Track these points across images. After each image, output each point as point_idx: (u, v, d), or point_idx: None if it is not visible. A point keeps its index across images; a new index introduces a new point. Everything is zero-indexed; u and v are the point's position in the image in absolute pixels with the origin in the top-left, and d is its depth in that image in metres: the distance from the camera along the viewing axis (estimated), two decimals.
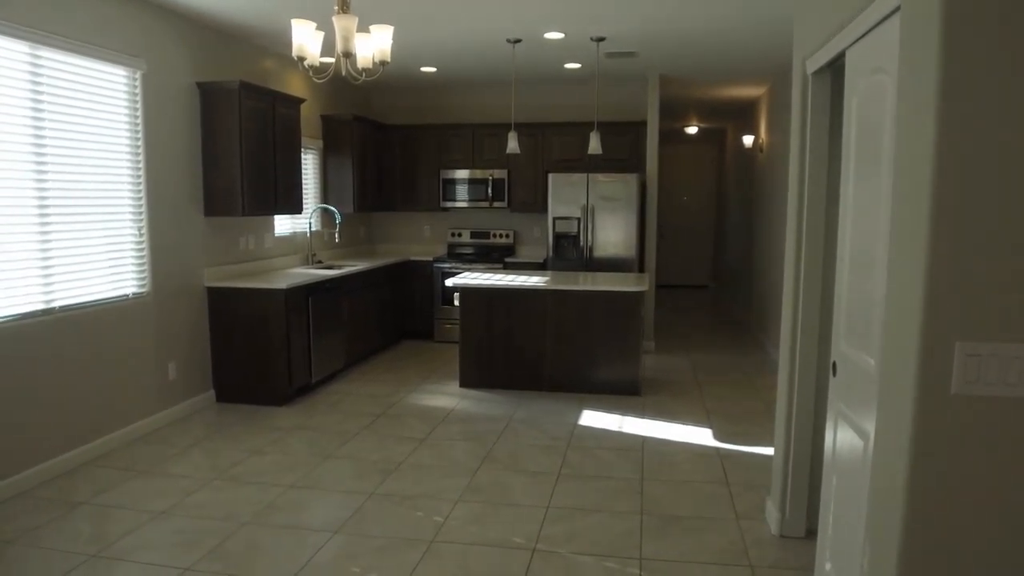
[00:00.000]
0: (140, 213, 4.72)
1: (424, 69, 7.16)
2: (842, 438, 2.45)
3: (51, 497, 3.73)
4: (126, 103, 4.57)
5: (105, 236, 4.45)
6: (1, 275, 3.71)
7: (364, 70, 3.79)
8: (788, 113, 3.52)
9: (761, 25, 5.26)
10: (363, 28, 3.71)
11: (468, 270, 7.41)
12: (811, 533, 3.22)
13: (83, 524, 3.44)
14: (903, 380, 1.83)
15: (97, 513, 3.56)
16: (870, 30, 2.23)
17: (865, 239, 2.30)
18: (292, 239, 6.78)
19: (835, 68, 2.89)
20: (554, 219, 7.37)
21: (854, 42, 2.41)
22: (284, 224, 6.65)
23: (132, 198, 4.66)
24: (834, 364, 2.54)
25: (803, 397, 3.21)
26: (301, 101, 6.15)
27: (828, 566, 2.57)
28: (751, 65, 6.81)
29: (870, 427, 2.12)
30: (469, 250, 8.28)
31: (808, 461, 3.23)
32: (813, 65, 2.98)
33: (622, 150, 7.54)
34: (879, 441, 2.03)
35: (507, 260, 7.78)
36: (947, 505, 1.77)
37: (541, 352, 5.87)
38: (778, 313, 3.71)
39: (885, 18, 2.08)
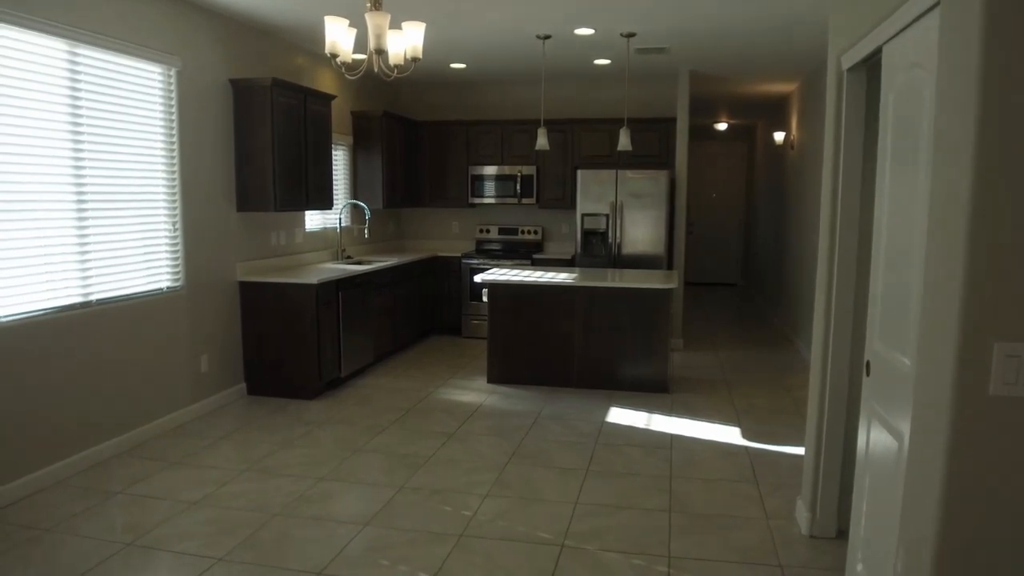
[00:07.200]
0: (174, 208, 4.79)
1: (454, 65, 7.18)
2: (875, 438, 2.42)
3: (87, 486, 3.81)
4: (161, 100, 4.64)
5: (140, 231, 4.53)
6: (41, 269, 3.80)
7: (396, 67, 3.81)
8: (820, 109, 3.48)
9: (793, 21, 5.19)
10: (395, 25, 3.74)
11: (496, 266, 7.42)
12: (841, 534, 3.19)
13: (118, 513, 3.51)
14: (939, 381, 1.80)
15: (132, 502, 3.64)
16: (908, 25, 2.20)
17: (901, 236, 2.27)
18: (322, 234, 6.85)
19: (871, 64, 2.85)
20: (583, 215, 7.35)
21: (891, 38, 2.38)
22: (314, 220, 6.72)
23: (166, 193, 4.74)
24: (868, 363, 2.51)
25: (835, 396, 3.18)
26: (332, 98, 6.20)
27: (859, 567, 2.54)
28: (782, 61, 6.73)
29: (905, 428, 2.09)
30: (497, 246, 8.30)
31: (839, 461, 3.19)
32: (848, 61, 2.94)
33: (652, 146, 7.49)
34: (914, 442, 2.00)
35: (535, 256, 7.79)
36: (984, 508, 1.75)
37: (569, 349, 5.87)
38: (809, 311, 3.67)
39: (924, 13, 2.05)
